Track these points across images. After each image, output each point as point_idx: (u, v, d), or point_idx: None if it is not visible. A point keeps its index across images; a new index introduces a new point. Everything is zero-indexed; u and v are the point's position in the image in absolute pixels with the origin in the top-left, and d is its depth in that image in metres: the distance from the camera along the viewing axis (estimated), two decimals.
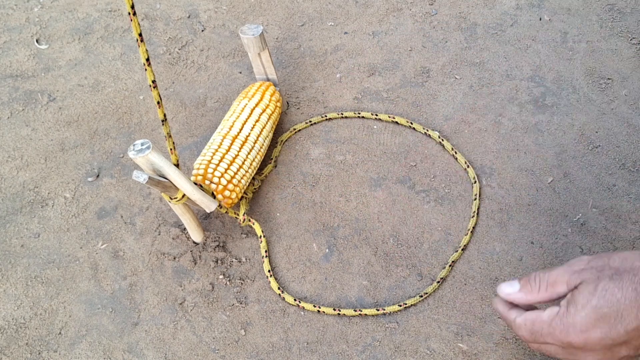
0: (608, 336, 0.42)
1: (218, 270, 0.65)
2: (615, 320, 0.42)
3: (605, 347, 0.43)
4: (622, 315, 0.42)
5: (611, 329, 0.42)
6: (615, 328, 0.42)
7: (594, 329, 0.43)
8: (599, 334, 0.43)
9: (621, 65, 0.80)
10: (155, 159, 0.51)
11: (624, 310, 0.42)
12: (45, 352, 0.60)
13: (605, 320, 0.42)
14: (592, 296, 0.43)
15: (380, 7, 0.90)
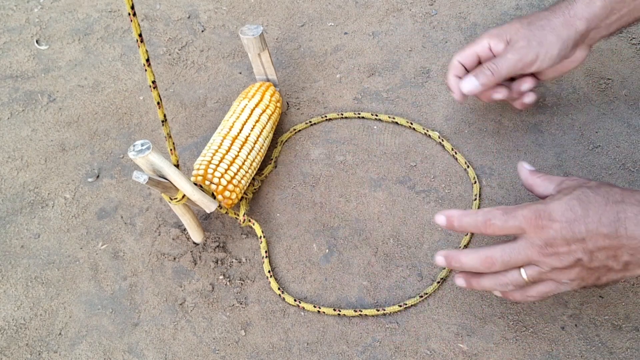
0: (570, 227, 0.47)
1: (218, 271, 0.65)
2: (581, 215, 0.47)
3: (565, 239, 0.47)
4: (589, 214, 0.47)
5: (575, 221, 0.47)
6: (578, 222, 0.47)
7: (561, 217, 0.47)
8: (564, 222, 0.47)
9: (621, 65, 0.80)
10: (155, 160, 0.52)
11: (590, 210, 0.47)
12: (45, 353, 0.60)
13: (573, 212, 0.47)
14: (570, 193, 0.49)
15: (380, 8, 0.90)
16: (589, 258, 0.47)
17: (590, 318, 0.59)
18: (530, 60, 0.61)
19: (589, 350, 0.57)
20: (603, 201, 0.47)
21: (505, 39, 0.63)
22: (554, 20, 0.61)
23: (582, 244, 0.47)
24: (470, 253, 0.53)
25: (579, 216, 0.47)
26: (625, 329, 0.58)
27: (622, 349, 0.57)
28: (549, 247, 0.48)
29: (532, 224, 0.49)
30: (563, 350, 0.57)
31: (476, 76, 0.63)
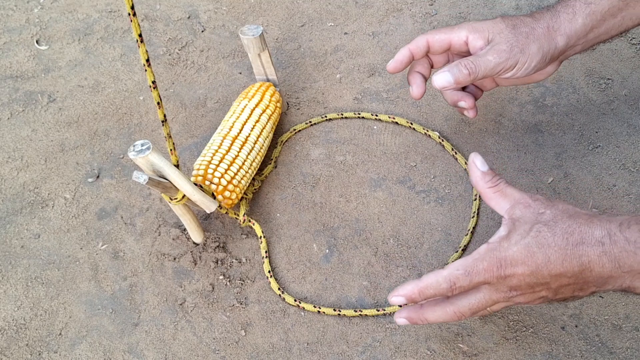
0: (533, 274, 0.46)
1: (218, 271, 0.65)
2: (542, 263, 0.45)
3: (529, 285, 0.46)
4: (550, 260, 0.45)
5: (537, 268, 0.45)
6: (541, 269, 0.45)
7: (522, 265, 0.46)
8: (527, 272, 0.46)
9: (621, 65, 0.80)
10: (155, 160, 0.52)
11: (551, 256, 0.45)
12: (45, 353, 0.60)
13: (534, 260, 0.45)
14: (527, 235, 0.46)
15: (380, 8, 0.90)
16: (553, 294, 0.47)
17: (590, 318, 0.59)
18: (509, 66, 0.58)
19: (589, 350, 0.57)
20: (563, 244, 0.45)
21: (486, 37, 0.59)
22: (537, 30, 0.58)
23: (546, 286, 0.47)
24: (436, 310, 0.51)
25: (541, 264, 0.46)
26: (625, 329, 0.58)
27: (622, 349, 0.57)
28: (514, 291, 0.48)
29: (495, 276, 0.47)
30: (563, 350, 0.57)
31: (451, 72, 0.58)
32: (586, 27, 0.58)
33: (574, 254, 0.45)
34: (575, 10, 0.58)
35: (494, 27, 0.59)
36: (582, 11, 0.58)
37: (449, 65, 0.58)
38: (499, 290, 0.48)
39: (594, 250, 0.44)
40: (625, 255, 0.43)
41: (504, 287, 0.48)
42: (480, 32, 0.59)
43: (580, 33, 0.58)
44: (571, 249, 0.45)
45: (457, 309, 0.50)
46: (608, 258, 0.44)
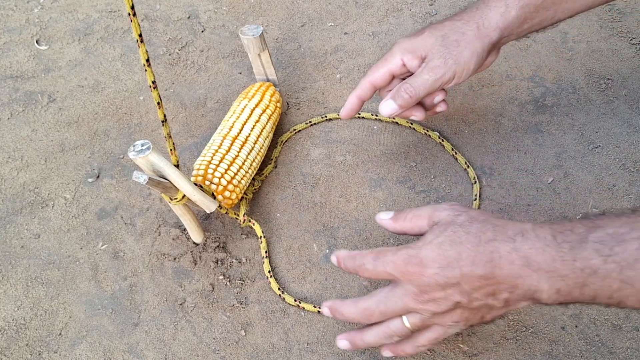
0: (443, 273, 0.45)
1: (218, 271, 0.65)
2: (453, 259, 0.45)
3: (439, 284, 0.45)
4: (461, 257, 0.45)
5: (448, 266, 0.45)
6: (452, 267, 0.45)
7: (433, 264, 0.45)
8: (436, 268, 0.45)
9: (621, 65, 0.80)
10: (155, 160, 0.52)
11: (463, 253, 0.45)
12: (45, 353, 0.60)
13: (445, 257, 0.45)
14: (441, 234, 0.46)
15: (380, 8, 0.90)
16: (467, 299, 0.46)
17: (590, 318, 0.59)
18: (448, 79, 0.59)
19: (589, 350, 0.57)
20: (475, 241, 0.45)
21: (419, 55, 0.60)
22: (468, 34, 0.58)
23: (457, 288, 0.45)
24: (350, 305, 0.51)
25: (452, 260, 0.45)
26: (625, 329, 0.58)
27: (622, 349, 0.57)
28: (425, 294, 0.46)
29: (402, 271, 0.47)
30: (563, 350, 0.57)
31: (394, 99, 0.60)
32: (520, 19, 0.59)
33: (485, 250, 0.45)
34: (508, 3, 0.58)
35: (425, 43, 0.59)
36: (516, 4, 0.58)
37: (391, 93, 0.60)
38: (408, 291, 0.47)
39: (505, 246, 0.44)
40: (534, 253, 0.43)
41: (413, 287, 0.47)
42: (413, 52, 0.60)
43: (514, 25, 0.59)
44: (483, 246, 0.45)
45: (366, 303, 0.50)
46: (518, 255, 0.43)
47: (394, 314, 0.49)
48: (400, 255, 0.47)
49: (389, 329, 0.50)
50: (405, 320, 0.49)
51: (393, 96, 0.60)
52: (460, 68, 0.58)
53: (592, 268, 0.41)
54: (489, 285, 0.45)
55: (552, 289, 0.43)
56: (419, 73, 0.59)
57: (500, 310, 0.47)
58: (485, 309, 0.47)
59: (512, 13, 0.58)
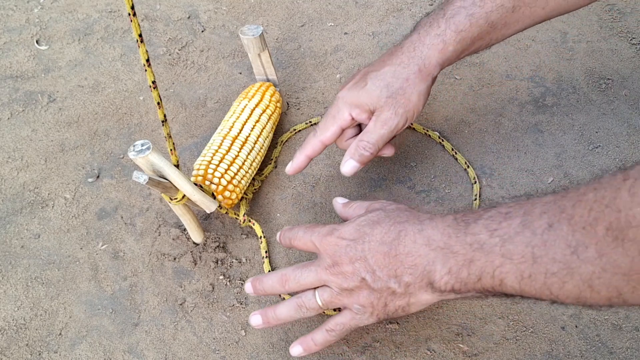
0: (354, 245, 0.49)
1: (218, 271, 0.65)
2: (365, 234, 0.49)
3: (349, 256, 0.49)
4: (373, 233, 0.49)
5: (359, 239, 0.49)
6: (362, 240, 0.49)
7: (348, 236, 0.50)
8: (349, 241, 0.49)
9: (621, 65, 0.80)
10: (155, 160, 0.52)
11: (375, 230, 0.49)
12: (45, 353, 0.60)
13: (360, 232, 0.50)
14: (364, 215, 0.51)
15: (380, 8, 0.90)
16: (372, 278, 0.48)
17: (590, 318, 0.59)
18: (402, 126, 0.60)
19: (589, 350, 0.57)
20: (390, 222, 0.49)
21: (367, 109, 0.60)
22: (411, 78, 0.59)
23: (364, 262, 0.48)
24: (269, 274, 0.55)
25: (364, 235, 0.49)
26: (625, 329, 0.58)
27: (622, 349, 0.57)
28: (336, 266, 0.49)
29: (322, 242, 0.51)
30: (563, 350, 0.57)
31: (354, 159, 0.61)
32: (457, 52, 0.60)
33: (395, 229, 0.48)
34: (446, 40, 0.59)
35: (370, 97, 0.60)
36: (453, 39, 0.59)
37: (350, 151, 0.61)
38: (322, 262, 0.51)
39: (412, 227, 0.48)
40: (434, 232, 0.46)
41: (328, 257, 0.50)
42: (360, 107, 0.61)
43: (452, 58, 0.61)
44: (394, 226, 0.49)
45: (284, 271, 0.54)
46: (421, 235, 0.47)
47: (308, 283, 0.52)
48: (325, 228, 0.52)
49: (300, 299, 0.53)
50: (317, 295, 0.52)
51: (353, 155, 0.61)
52: (411, 113, 0.60)
53: (479, 242, 0.43)
54: (391, 264, 0.47)
55: (445, 268, 0.45)
56: (374, 129, 0.60)
57: (402, 298, 0.48)
58: (387, 294, 0.49)
59: (449, 48, 0.59)
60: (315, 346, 0.54)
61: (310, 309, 0.53)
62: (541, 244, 0.40)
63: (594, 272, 0.37)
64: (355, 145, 0.61)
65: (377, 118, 0.60)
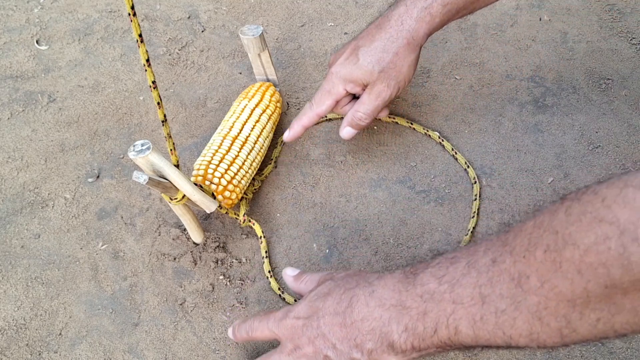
0: (309, 323, 0.48)
1: (218, 271, 0.65)
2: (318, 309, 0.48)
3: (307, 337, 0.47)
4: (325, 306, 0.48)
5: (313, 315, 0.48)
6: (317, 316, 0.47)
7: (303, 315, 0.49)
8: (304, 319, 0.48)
9: (621, 65, 0.80)
10: (155, 160, 0.51)
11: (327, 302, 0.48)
12: (45, 353, 0.60)
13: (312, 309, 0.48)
14: (314, 290, 0.51)
15: (380, 8, 0.90)
16: (334, 353, 0.46)
17: None
18: (395, 94, 0.64)
19: (589, 350, 0.57)
20: (340, 290, 0.48)
21: (360, 83, 0.64)
22: (400, 51, 0.61)
23: (323, 339, 0.47)
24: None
25: (317, 310, 0.48)
26: None
27: (622, 349, 0.57)
28: (298, 350, 0.48)
29: (280, 326, 0.50)
30: (563, 350, 0.57)
31: (352, 126, 0.67)
32: (443, 22, 0.62)
33: (346, 297, 0.47)
34: (433, 12, 0.61)
35: (363, 73, 0.63)
36: (440, 12, 0.61)
37: (347, 119, 0.66)
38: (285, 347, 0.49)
39: (363, 291, 0.46)
40: (385, 291, 0.45)
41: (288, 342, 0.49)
42: (354, 81, 0.64)
43: (438, 26, 0.63)
44: (345, 294, 0.47)
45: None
46: (372, 297, 0.45)
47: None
48: (279, 313, 0.51)
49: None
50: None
51: (350, 124, 0.67)
52: (402, 83, 0.64)
53: (429, 292, 0.42)
54: (349, 334, 0.45)
55: (401, 325, 0.43)
56: (368, 101, 0.64)
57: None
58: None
59: (436, 20, 0.61)
60: None
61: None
62: (487, 282, 0.38)
63: (540, 303, 0.36)
64: (352, 114, 0.66)
65: (371, 91, 0.64)
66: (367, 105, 0.64)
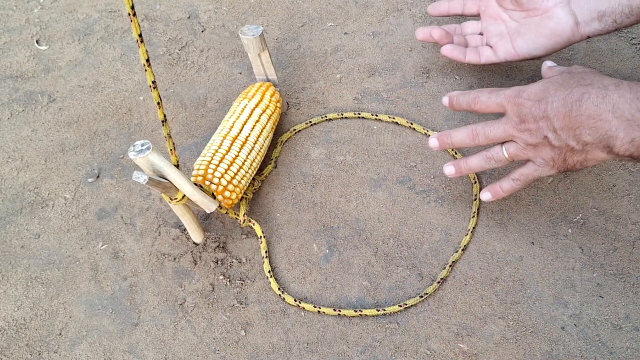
0: (538, 105, 0.53)
1: (218, 271, 0.65)
2: (549, 95, 0.53)
3: (533, 116, 0.54)
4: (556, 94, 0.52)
5: (542, 99, 0.53)
6: (545, 101, 0.53)
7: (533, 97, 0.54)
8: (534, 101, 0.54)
9: (621, 65, 0.80)
10: (155, 160, 0.52)
11: (559, 91, 0.53)
12: (45, 353, 0.60)
13: (545, 93, 0.53)
14: (551, 77, 0.56)
15: (380, 8, 0.90)
16: (553, 136, 0.53)
17: (590, 318, 0.59)
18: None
19: (589, 350, 0.57)
20: (574, 84, 0.52)
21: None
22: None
23: (547, 122, 0.53)
24: (459, 129, 0.60)
25: (549, 95, 0.53)
26: (625, 329, 0.58)
27: (622, 349, 0.57)
28: (522, 123, 0.55)
29: (510, 101, 0.55)
30: (563, 350, 0.57)
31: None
32: None
33: (578, 92, 0.51)
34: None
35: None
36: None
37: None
38: (510, 119, 0.56)
39: (596, 91, 0.50)
40: (621, 101, 0.49)
41: (515, 116, 0.55)
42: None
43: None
44: (577, 88, 0.52)
45: (474, 126, 0.59)
46: (605, 100, 0.50)
47: (496, 138, 0.57)
48: (512, 89, 0.56)
49: (489, 152, 0.59)
50: (503, 148, 0.58)
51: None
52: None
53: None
54: (572, 124, 0.51)
55: (628, 137, 0.49)
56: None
57: (579, 154, 0.53)
58: (566, 150, 0.53)
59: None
60: (503, 193, 0.61)
61: (498, 161, 0.59)
62: None
63: None
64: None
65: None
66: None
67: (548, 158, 0.55)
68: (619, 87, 0.50)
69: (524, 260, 0.63)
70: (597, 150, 0.52)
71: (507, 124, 0.56)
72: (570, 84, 0.53)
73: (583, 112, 0.50)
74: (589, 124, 0.50)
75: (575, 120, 0.51)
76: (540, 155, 0.55)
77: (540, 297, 0.61)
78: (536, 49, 0.67)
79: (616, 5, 0.61)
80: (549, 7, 0.65)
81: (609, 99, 0.49)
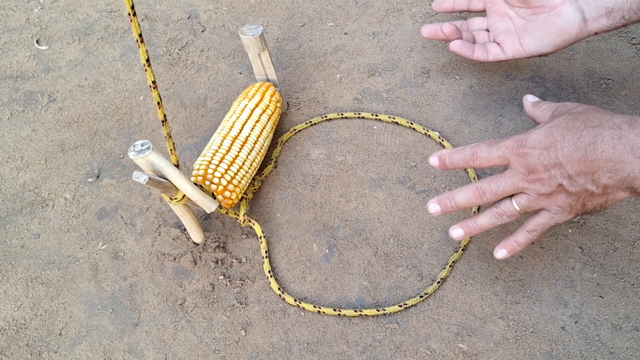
0: (547, 153, 0.50)
1: (218, 271, 0.65)
2: (558, 141, 0.50)
3: (543, 165, 0.51)
4: (565, 139, 0.50)
5: (551, 147, 0.50)
6: (555, 148, 0.50)
7: (539, 145, 0.51)
8: (541, 149, 0.51)
9: (621, 65, 0.80)
10: (155, 160, 0.52)
11: (567, 136, 0.50)
12: (45, 353, 0.60)
13: (551, 139, 0.51)
14: (552, 121, 0.52)
15: (380, 8, 0.90)
16: (569, 183, 0.50)
17: (590, 318, 0.59)
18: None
19: (589, 350, 0.57)
20: (582, 126, 0.50)
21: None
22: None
23: (560, 169, 0.50)
24: (462, 189, 0.56)
25: (556, 142, 0.50)
26: (625, 329, 0.58)
27: (622, 349, 0.57)
28: (532, 174, 0.51)
29: (514, 153, 0.52)
30: (563, 350, 0.57)
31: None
32: None
33: (589, 134, 0.49)
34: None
35: None
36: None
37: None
38: (517, 172, 0.52)
39: (609, 132, 0.48)
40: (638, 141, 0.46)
41: (522, 167, 0.52)
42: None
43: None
44: (587, 130, 0.49)
45: (478, 184, 0.55)
46: (621, 141, 0.47)
47: (504, 192, 0.54)
48: (512, 140, 0.53)
49: (499, 208, 0.55)
50: (514, 202, 0.54)
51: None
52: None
53: None
54: (589, 170, 0.49)
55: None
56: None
57: (599, 197, 0.51)
58: (585, 195, 0.51)
59: None
60: (519, 247, 0.57)
61: (510, 216, 0.55)
62: None
63: None
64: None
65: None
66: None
67: (565, 205, 0.52)
68: (633, 125, 0.47)
69: (524, 260, 0.63)
70: (618, 191, 0.50)
71: (515, 177, 0.53)
72: (577, 126, 0.50)
73: (599, 155, 0.48)
74: (608, 167, 0.48)
75: (592, 165, 0.49)
76: (556, 203, 0.52)
77: (540, 297, 0.61)
78: (544, 46, 0.67)
79: (624, 1, 0.61)
80: (556, 4, 0.65)
81: (626, 139, 0.47)
